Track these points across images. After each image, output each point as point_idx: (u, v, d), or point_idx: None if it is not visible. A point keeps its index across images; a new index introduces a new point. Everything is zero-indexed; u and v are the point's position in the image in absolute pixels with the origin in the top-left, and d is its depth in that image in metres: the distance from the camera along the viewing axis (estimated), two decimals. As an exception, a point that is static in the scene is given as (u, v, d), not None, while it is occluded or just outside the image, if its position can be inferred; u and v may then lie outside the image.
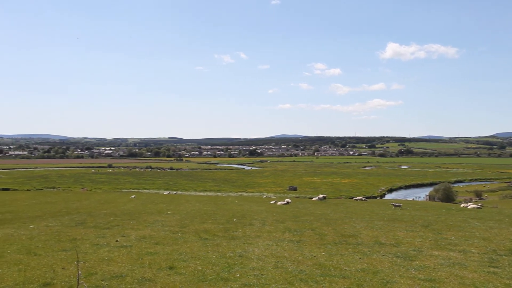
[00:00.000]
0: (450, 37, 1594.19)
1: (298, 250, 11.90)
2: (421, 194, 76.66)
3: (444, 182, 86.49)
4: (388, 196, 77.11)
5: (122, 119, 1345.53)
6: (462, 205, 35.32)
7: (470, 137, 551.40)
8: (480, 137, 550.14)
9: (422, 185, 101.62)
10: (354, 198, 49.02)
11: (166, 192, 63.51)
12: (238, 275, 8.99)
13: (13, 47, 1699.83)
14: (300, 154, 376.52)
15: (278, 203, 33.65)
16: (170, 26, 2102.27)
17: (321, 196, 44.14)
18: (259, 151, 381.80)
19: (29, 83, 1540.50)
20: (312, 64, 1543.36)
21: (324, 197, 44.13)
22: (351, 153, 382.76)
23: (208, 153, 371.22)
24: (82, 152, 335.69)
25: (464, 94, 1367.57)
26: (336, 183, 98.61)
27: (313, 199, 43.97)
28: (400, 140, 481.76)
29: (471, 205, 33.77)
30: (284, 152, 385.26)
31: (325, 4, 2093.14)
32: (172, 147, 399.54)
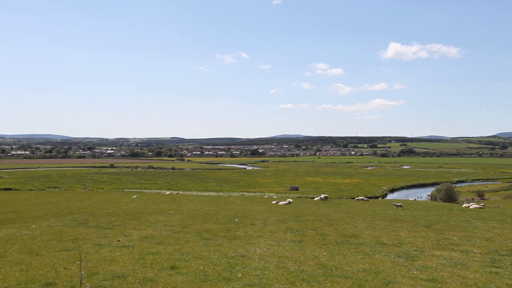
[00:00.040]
0: (452, 37, 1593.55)
1: (300, 250, 11.90)
2: (423, 194, 76.57)
3: (446, 182, 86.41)
4: (390, 196, 77.03)
5: (124, 119, 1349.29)
6: (464, 205, 35.27)
7: (472, 137, 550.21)
8: (482, 137, 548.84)
9: (424, 185, 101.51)
10: (356, 198, 48.97)
11: (168, 192, 63.57)
12: (240, 275, 9.00)
13: (15, 47, 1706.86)
14: (301, 154, 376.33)
15: (280, 203, 33.66)
16: (172, 26, 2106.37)
17: (323, 196, 44.13)
18: (260, 151, 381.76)
19: (31, 83, 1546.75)
20: (314, 64, 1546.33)
21: (326, 197, 44.12)
22: (353, 153, 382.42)
23: (210, 153, 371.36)
24: (84, 152, 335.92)
25: (466, 94, 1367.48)
26: (338, 183, 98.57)
27: (315, 199, 43.97)
28: (402, 140, 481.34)
29: (473, 205, 33.72)
30: (286, 152, 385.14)
31: (326, 4, 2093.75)
32: (174, 147, 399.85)
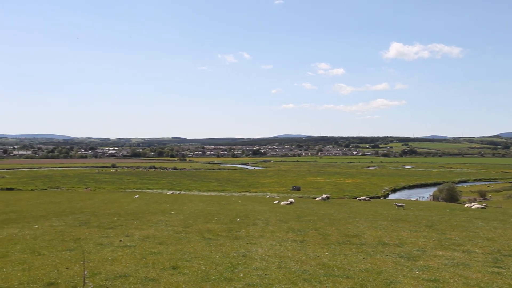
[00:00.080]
0: (454, 37, 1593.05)
1: (301, 250, 11.90)
2: (424, 194, 76.35)
3: (448, 182, 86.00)
4: (392, 196, 76.86)
5: (125, 119, 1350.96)
6: (466, 205, 35.22)
7: (474, 137, 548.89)
8: (484, 137, 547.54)
9: (426, 185, 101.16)
10: (357, 198, 48.91)
11: (169, 192, 63.55)
12: (241, 275, 9.00)
13: (14, 47, 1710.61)
14: (303, 154, 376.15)
15: (282, 203, 33.65)
16: (174, 26, 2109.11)
17: (324, 196, 44.13)
18: (262, 151, 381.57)
19: (31, 83, 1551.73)
20: (316, 64, 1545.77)
21: (328, 197, 44.11)
22: (354, 153, 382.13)
23: (212, 153, 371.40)
24: (86, 152, 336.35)
25: (468, 94, 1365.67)
26: (339, 183, 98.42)
27: (317, 199, 43.95)
28: (404, 140, 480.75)
29: (475, 205, 33.66)
30: (287, 152, 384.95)
31: (328, 4, 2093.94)
32: (176, 147, 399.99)
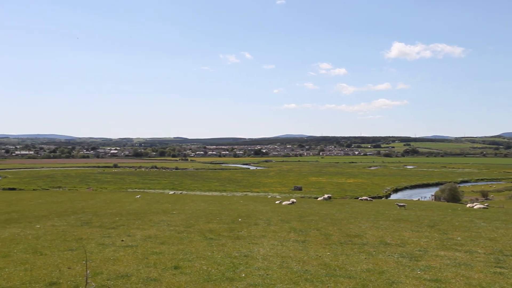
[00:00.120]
0: (455, 37, 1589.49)
1: (303, 250, 11.89)
2: (426, 194, 76.25)
3: (450, 182, 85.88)
4: (394, 196, 76.78)
5: (127, 119, 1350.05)
6: (468, 205, 35.14)
7: (476, 137, 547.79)
8: (486, 137, 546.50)
9: (427, 185, 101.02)
10: (359, 198, 48.89)
11: (171, 192, 63.63)
12: (243, 275, 9.00)
13: (14, 47, 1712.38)
14: (305, 154, 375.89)
15: (283, 203, 33.64)
16: (176, 26, 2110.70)
17: (326, 196, 44.13)
18: (264, 151, 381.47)
19: (33, 83, 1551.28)
20: (317, 64, 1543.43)
21: (330, 197, 44.11)
22: (356, 153, 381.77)
23: (213, 153, 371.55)
24: (88, 152, 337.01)
25: (470, 94, 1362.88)
26: (341, 183, 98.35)
27: (319, 199, 43.96)
28: (406, 140, 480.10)
29: (477, 205, 33.60)
30: (289, 152, 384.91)
31: (330, 4, 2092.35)
32: (178, 147, 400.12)
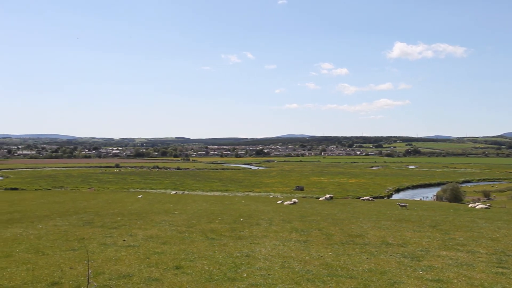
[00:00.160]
0: (457, 37, 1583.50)
1: (305, 250, 11.89)
2: (428, 194, 76.18)
3: (452, 182, 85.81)
4: (396, 196, 76.70)
5: (129, 119, 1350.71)
6: (470, 205, 35.09)
7: (478, 137, 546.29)
8: (488, 137, 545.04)
9: (429, 185, 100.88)
10: (361, 198, 48.84)
11: (173, 192, 63.68)
12: (245, 275, 9.00)
13: (15, 47, 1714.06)
14: (307, 154, 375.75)
15: (285, 203, 33.63)
16: (177, 26, 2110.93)
17: (328, 196, 44.09)
18: (266, 151, 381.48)
19: (35, 83, 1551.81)
20: (319, 64, 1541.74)
21: (331, 197, 44.07)
22: (358, 153, 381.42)
23: (215, 153, 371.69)
24: (90, 152, 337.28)
25: (472, 94, 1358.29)
26: (343, 183, 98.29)
27: (320, 199, 43.92)
28: (407, 140, 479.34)
29: (479, 205, 33.54)
30: (291, 152, 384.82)
31: (331, 4, 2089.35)
32: (179, 147, 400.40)
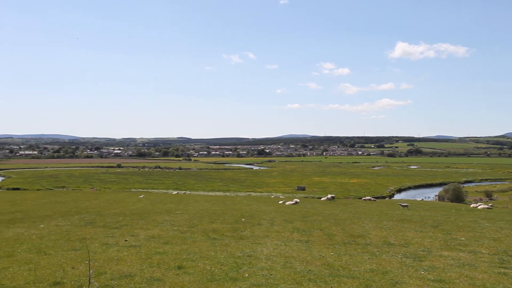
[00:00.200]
0: (459, 36, 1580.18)
1: (306, 250, 11.88)
2: (430, 194, 76.08)
3: (453, 182, 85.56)
4: (397, 196, 76.65)
5: (131, 119, 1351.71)
6: (472, 205, 35.03)
7: (480, 137, 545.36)
8: (490, 137, 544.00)
9: (431, 185, 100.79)
10: (363, 198, 48.79)
11: (174, 192, 63.72)
12: (246, 275, 9.00)
13: (15, 47, 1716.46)
14: (308, 154, 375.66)
15: (287, 203, 33.64)
16: (179, 26, 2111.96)
17: (329, 196, 44.05)
18: (267, 151, 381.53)
19: (35, 83, 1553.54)
20: (321, 64, 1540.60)
21: (333, 197, 44.03)
22: (360, 153, 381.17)
23: (217, 153, 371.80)
24: (92, 152, 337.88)
25: (474, 94, 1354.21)
26: (344, 183, 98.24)
27: (322, 199, 43.90)
28: (409, 140, 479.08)
29: (481, 206, 33.48)
30: (292, 152, 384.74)
31: (333, 4, 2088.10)
32: (181, 147, 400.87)
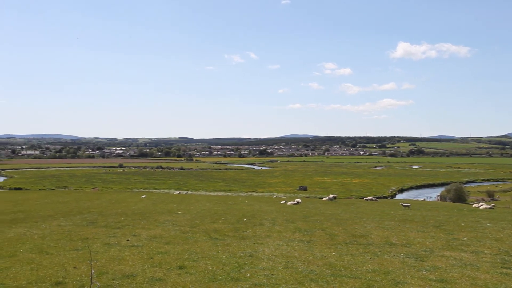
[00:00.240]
0: (461, 36, 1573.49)
1: (308, 250, 11.88)
2: (432, 194, 75.89)
3: (455, 182, 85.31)
4: (399, 196, 76.49)
5: (132, 119, 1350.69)
6: (474, 205, 34.97)
7: (482, 137, 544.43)
8: (492, 137, 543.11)
9: (433, 185, 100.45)
10: (364, 198, 48.75)
11: (176, 192, 63.71)
12: (248, 275, 9.00)
13: (16, 47, 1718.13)
14: (310, 154, 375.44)
15: (288, 203, 33.62)
16: (180, 26, 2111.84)
17: (331, 196, 44.07)
18: (269, 151, 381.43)
19: (37, 83, 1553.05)
20: (322, 64, 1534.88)
21: (335, 197, 44.03)
22: (361, 153, 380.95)
23: (218, 153, 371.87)
24: (93, 152, 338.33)
25: (476, 94, 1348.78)
26: (346, 183, 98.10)
27: (324, 199, 43.89)
28: (411, 140, 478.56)
29: (483, 206, 33.41)
30: (294, 152, 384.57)
31: (335, 4, 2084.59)
32: (182, 147, 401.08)
